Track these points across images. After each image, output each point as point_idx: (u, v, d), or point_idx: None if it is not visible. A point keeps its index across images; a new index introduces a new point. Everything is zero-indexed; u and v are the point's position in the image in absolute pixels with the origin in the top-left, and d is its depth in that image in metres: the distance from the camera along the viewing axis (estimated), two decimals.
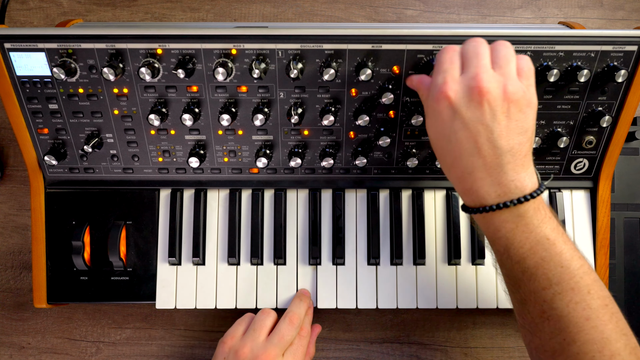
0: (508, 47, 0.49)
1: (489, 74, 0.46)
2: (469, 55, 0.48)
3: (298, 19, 0.77)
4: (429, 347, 0.72)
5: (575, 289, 0.45)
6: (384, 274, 0.66)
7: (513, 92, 0.46)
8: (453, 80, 0.47)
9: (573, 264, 0.46)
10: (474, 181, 0.47)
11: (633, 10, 0.77)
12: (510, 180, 0.46)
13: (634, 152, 0.72)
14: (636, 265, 0.71)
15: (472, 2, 0.77)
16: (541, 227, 0.46)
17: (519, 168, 0.46)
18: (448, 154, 0.49)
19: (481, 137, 0.46)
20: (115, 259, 0.65)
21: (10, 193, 0.74)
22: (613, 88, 0.59)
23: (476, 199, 0.48)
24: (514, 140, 0.46)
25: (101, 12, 0.76)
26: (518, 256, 0.47)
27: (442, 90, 0.47)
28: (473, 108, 0.46)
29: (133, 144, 0.63)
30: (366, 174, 0.66)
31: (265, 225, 0.67)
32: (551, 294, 0.45)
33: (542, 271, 0.46)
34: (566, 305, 0.45)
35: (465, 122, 0.46)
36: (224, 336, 0.60)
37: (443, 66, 0.49)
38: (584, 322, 0.44)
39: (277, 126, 0.62)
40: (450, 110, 0.47)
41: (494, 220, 0.47)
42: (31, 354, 0.72)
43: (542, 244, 0.46)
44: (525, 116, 0.47)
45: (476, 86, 0.45)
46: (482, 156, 0.46)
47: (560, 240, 0.46)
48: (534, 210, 0.46)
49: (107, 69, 0.55)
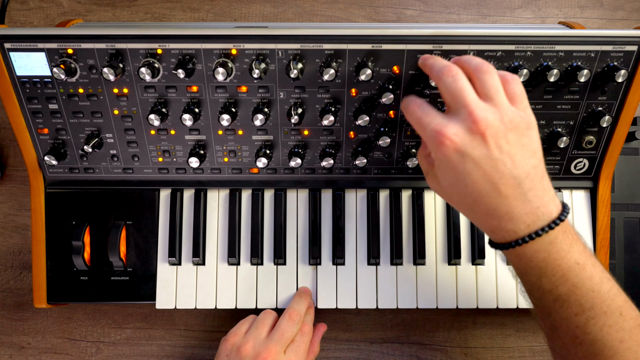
0: (492, 73, 0.47)
1: (482, 108, 0.45)
2: (450, 88, 0.46)
3: (298, 19, 0.77)
4: (429, 347, 0.72)
5: (607, 313, 0.44)
6: (384, 274, 0.66)
7: (510, 120, 0.45)
8: (446, 126, 0.45)
9: (604, 287, 0.45)
10: (500, 218, 0.46)
11: (633, 10, 0.77)
12: (536, 207, 0.45)
13: (634, 152, 0.72)
14: (636, 265, 0.71)
15: (472, 2, 0.77)
16: (571, 252, 0.46)
17: (541, 193, 0.46)
18: (467, 197, 0.47)
19: (496, 172, 0.45)
20: (115, 259, 0.65)
21: (10, 193, 0.74)
22: (613, 88, 0.59)
23: (506, 235, 0.46)
24: (528, 165, 0.45)
25: (101, 12, 0.76)
26: (550, 284, 0.46)
27: (441, 140, 0.45)
28: (479, 146, 0.45)
29: (133, 144, 0.63)
30: (366, 174, 0.66)
31: (265, 225, 0.67)
32: (584, 320, 0.45)
33: (575, 298, 0.45)
34: (599, 330, 0.44)
35: (476, 161, 0.45)
36: (227, 334, 0.60)
37: (422, 121, 0.48)
38: (618, 344, 0.44)
39: (277, 126, 0.62)
40: (457, 154, 0.45)
41: (526, 253, 0.46)
42: (31, 354, 0.72)
43: (573, 270, 0.45)
44: (529, 139, 0.46)
45: (475, 124, 0.44)
46: (502, 191, 0.45)
47: (590, 264, 0.46)
48: (563, 234, 0.46)
49: (107, 69, 0.55)
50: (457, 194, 0.48)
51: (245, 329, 0.61)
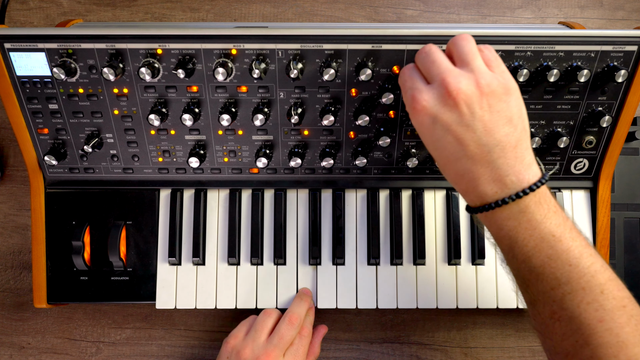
0: (469, 41, 0.48)
1: (455, 74, 0.45)
2: (425, 66, 0.48)
3: (298, 19, 0.77)
4: (429, 347, 0.72)
5: (586, 289, 0.43)
6: (384, 274, 0.66)
7: (487, 84, 0.45)
8: (420, 92, 0.47)
9: (583, 262, 0.44)
10: (468, 182, 0.47)
11: (633, 10, 0.77)
12: (504, 175, 0.45)
13: (634, 152, 0.72)
14: (636, 265, 0.71)
15: (472, 2, 0.77)
16: (545, 222, 0.45)
17: (512, 161, 0.45)
18: (440, 160, 0.49)
19: (465, 138, 0.45)
20: (115, 259, 0.65)
21: (10, 193, 0.74)
22: (613, 88, 0.59)
23: (476, 199, 0.47)
24: (500, 132, 0.45)
25: (101, 12, 0.76)
26: (523, 255, 0.45)
27: (413, 105, 0.47)
28: (449, 112, 0.45)
29: (133, 144, 0.63)
30: (366, 174, 0.66)
31: (265, 225, 0.67)
32: (560, 294, 0.43)
33: (550, 270, 0.44)
34: (577, 306, 0.43)
35: (446, 126, 0.45)
36: (228, 336, 0.61)
37: (405, 85, 0.49)
38: (597, 324, 0.42)
39: (277, 126, 0.62)
40: (428, 118, 0.46)
41: (496, 219, 0.46)
42: (31, 354, 0.72)
43: (547, 241, 0.44)
44: (507, 105, 0.46)
45: (446, 89, 0.45)
46: (470, 156, 0.45)
47: (568, 237, 0.44)
48: (536, 204, 0.45)
49: (107, 69, 0.55)
50: (433, 154, 0.50)
51: (245, 331, 0.61)
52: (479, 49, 0.48)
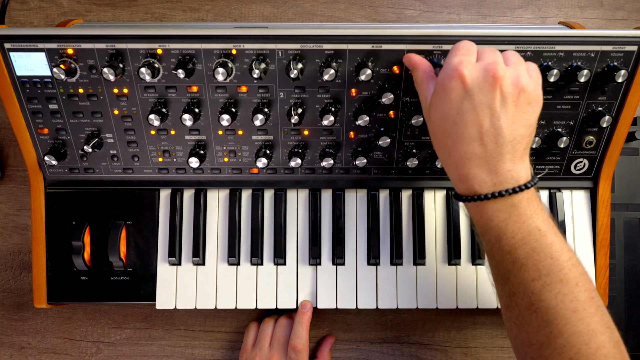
0: (518, 55, 0.50)
1: (503, 65, 0.47)
2: (484, 51, 0.49)
3: (298, 19, 0.77)
4: (429, 347, 0.72)
5: (563, 281, 0.45)
6: (384, 274, 0.66)
7: (525, 84, 0.47)
8: (469, 62, 0.47)
9: (563, 256, 0.46)
10: (470, 168, 0.47)
11: (633, 10, 0.77)
12: (507, 170, 0.46)
13: (634, 152, 0.72)
14: (636, 265, 0.71)
15: (472, 2, 0.77)
16: (533, 218, 0.47)
17: (517, 159, 0.47)
18: (449, 137, 0.48)
19: (486, 123, 0.46)
20: (115, 259, 0.65)
21: (10, 193, 0.74)
22: (613, 88, 0.59)
23: (471, 187, 0.48)
24: (518, 131, 0.46)
25: (101, 12, 0.76)
26: (509, 246, 0.47)
27: (457, 68, 0.47)
28: (485, 91, 0.46)
29: (133, 144, 0.63)
30: (366, 174, 0.66)
31: (265, 225, 0.67)
32: (540, 286, 0.46)
33: (533, 262, 0.46)
34: (554, 297, 0.45)
35: (475, 104, 0.46)
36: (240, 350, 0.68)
37: (460, 51, 0.49)
38: (571, 314, 0.44)
39: (277, 126, 0.62)
40: (462, 89, 0.46)
41: (488, 210, 0.47)
42: (31, 354, 0.72)
43: (533, 234, 0.46)
44: (532, 110, 0.47)
45: (492, 70, 0.46)
46: (484, 143, 0.46)
47: (551, 232, 0.47)
48: (527, 201, 0.47)
49: (107, 69, 0.55)
50: (442, 131, 0.49)
51: (251, 341, 0.68)
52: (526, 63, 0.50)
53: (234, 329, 0.72)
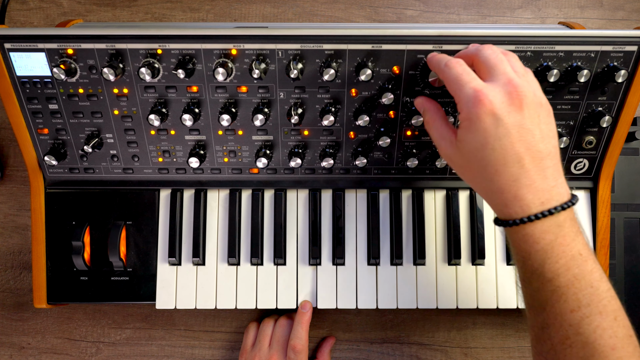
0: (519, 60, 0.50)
1: (519, 79, 0.46)
2: (490, 62, 0.48)
3: (298, 19, 0.77)
4: (429, 347, 0.72)
5: (603, 314, 0.42)
6: (384, 274, 0.66)
7: (541, 95, 0.47)
8: (486, 87, 0.46)
9: (602, 286, 0.44)
10: (518, 188, 0.45)
11: (633, 10, 0.77)
12: (552, 186, 0.45)
13: (634, 152, 0.72)
14: (636, 265, 0.71)
15: (472, 2, 0.77)
16: (576, 240, 0.45)
17: (557, 174, 0.46)
18: (490, 165, 0.46)
19: (524, 142, 0.45)
20: (115, 259, 0.65)
21: (10, 193, 0.74)
22: (613, 88, 0.59)
23: (519, 209, 0.45)
24: (550, 143, 0.46)
25: (101, 12, 0.76)
26: (552, 273, 0.44)
27: (479, 99, 0.45)
28: (514, 112, 0.45)
29: (133, 144, 0.63)
30: (366, 174, 0.66)
31: (265, 225, 0.67)
32: (579, 317, 0.43)
33: (574, 291, 0.43)
34: (593, 331, 0.42)
35: (509, 128, 0.45)
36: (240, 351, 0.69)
37: (462, 78, 0.47)
38: (610, 351, 0.41)
39: (277, 126, 0.62)
40: (492, 117, 0.45)
41: (535, 232, 0.45)
42: (31, 354, 0.72)
43: (576, 259, 0.44)
44: (552, 120, 0.47)
45: (514, 90, 0.45)
46: (525, 162, 0.45)
47: (592, 259, 0.45)
48: (571, 220, 0.45)
49: (107, 69, 0.55)
50: (479, 162, 0.47)
51: (251, 342, 0.68)
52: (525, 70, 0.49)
53: (234, 329, 0.72)
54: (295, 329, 0.64)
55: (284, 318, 0.68)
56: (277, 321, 0.68)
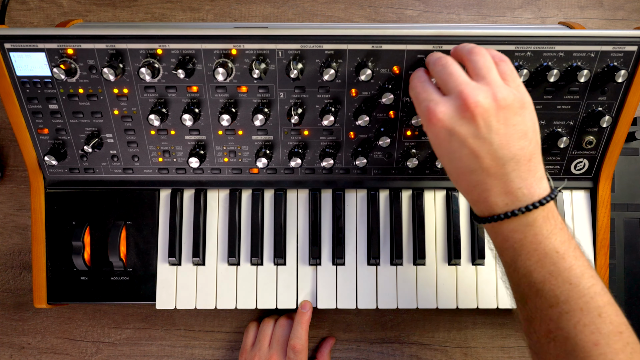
0: (484, 54, 0.48)
1: (471, 87, 0.45)
2: (442, 77, 0.48)
3: (298, 19, 0.77)
4: (429, 347, 0.72)
5: (584, 310, 0.42)
6: (384, 274, 0.66)
7: (503, 98, 0.45)
8: (437, 104, 0.46)
9: (583, 282, 0.43)
10: (480, 192, 0.46)
11: (633, 10, 0.77)
12: (517, 187, 0.45)
13: (634, 152, 0.72)
14: (636, 265, 0.71)
15: (472, 2, 0.77)
16: (550, 238, 0.45)
17: (525, 174, 0.45)
18: (453, 172, 0.48)
19: (481, 152, 0.45)
20: (115, 259, 0.65)
21: (10, 193, 0.74)
22: (613, 88, 0.59)
23: (485, 209, 0.47)
24: (515, 146, 0.45)
25: (101, 12, 0.76)
26: (525, 269, 0.45)
27: (429, 117, 0.46)
28: (466, 124, 0.45)
29: (133, 144, 0.63)
30: (366, 174, 0.66)
31: (265, 225, 0.67)
32: (558, 313, 0.43)
33: (549, 287, 0.44)
34: (573, 327, 0.42)
35: (463, 139, 0.45)
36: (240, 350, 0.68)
37: (420, 97, 0.49)
38: (592, 347, 0.41)
39: (277, 126, 0.62)
40: (445, 131, 0.46)
41: (503, 230, 0.46)
42: (31, 354, 0.72)
43: (550, 257, 0.44)
44: (522, 118, 0.46)
45: (463, 102, 0.45)
46: (485, 169, 0.45)
47: (571, 255, 0.44)
48: (544, 219, 0.45)
49: (107, 69, 0.55)
50: (446, 166, 0.50)
51: (250, 341, 0.68)
52: (494, 62, 0.48)
53: (234, 329, 0.72)
54: (295, 328, 0.64)
55: (283, 318, 0.68)
56: (277, 321, 0.68)
